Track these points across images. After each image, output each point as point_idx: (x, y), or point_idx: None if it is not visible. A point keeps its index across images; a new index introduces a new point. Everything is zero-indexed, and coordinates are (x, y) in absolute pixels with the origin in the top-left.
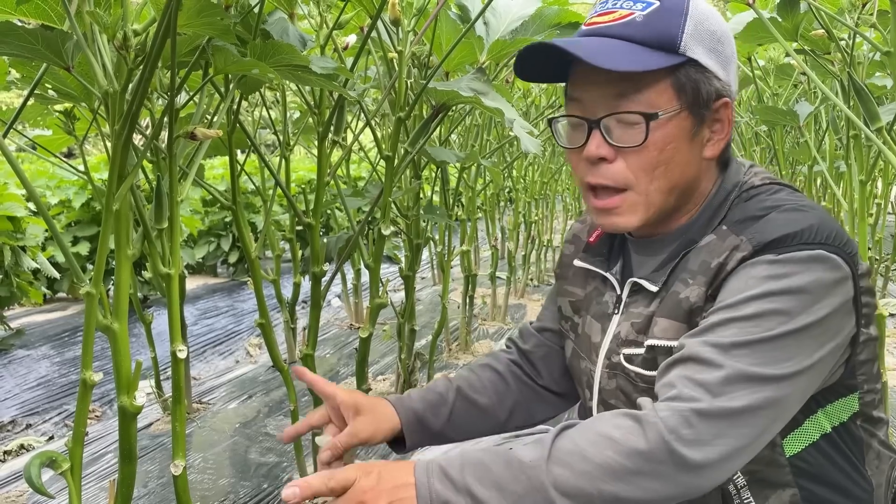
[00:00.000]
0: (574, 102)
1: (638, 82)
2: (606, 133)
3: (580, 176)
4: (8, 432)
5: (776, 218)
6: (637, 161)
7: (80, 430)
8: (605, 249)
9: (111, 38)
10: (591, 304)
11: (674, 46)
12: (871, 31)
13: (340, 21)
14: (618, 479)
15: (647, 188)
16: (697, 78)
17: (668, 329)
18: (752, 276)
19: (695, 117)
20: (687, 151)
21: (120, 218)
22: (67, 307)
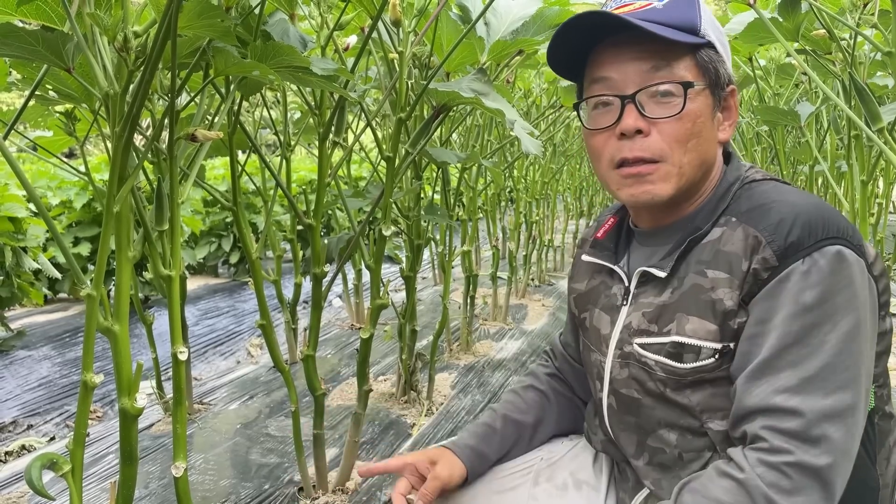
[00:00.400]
0: (600, 82)
1: (668, 57)
2: (641, 107)
3: (608, 154)
4: (9, 433)
5: (782, 212)
6: (672, 132)
7: (81, 431)
8: (612, 244)
9: (112, 40)
10: (598, 298)
11: (695, 29)
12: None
13: (341, 22)
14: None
15: (681, 159)
16: (716, 59)
17: (699, 330)
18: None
19: (714, 97)
20: (710, 130)
21: (121, 220)
22: (69, 308)
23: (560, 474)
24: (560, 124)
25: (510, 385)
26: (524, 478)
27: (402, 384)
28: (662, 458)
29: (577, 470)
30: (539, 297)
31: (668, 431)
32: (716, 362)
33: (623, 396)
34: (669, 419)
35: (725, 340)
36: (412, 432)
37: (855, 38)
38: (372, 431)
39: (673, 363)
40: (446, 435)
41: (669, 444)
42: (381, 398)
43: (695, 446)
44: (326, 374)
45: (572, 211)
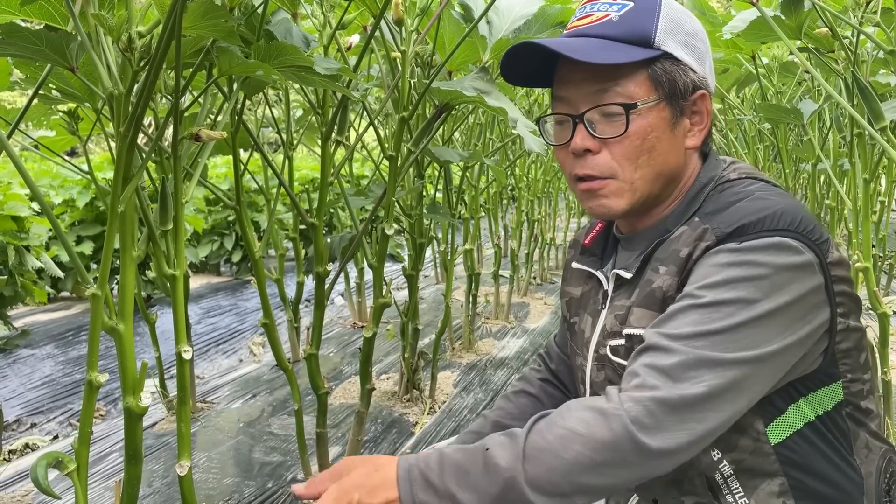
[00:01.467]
0: (559, 101)
1: (616, 75)
2: (590, 126)
3: (568, 170)
4: (13, 431)
5: (741, 207)
6: (620, 151)
7: (86, 430)
8: (599, 250)
9: (116, 40)
10: (587, 303)
11: (648, 41)
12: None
13: (344, 21)
14: (587, 470)
15: (632, 176)
16: (673, 70)
17: (643, 318)
18: (712, 264)
19: (673, 108)
20: (668, 141)
21: (125, 219)
22: (71, 306)
23: None
24: None
25: (512, 383)
26: None
27: (405, 383)
28: None
29: None
30: (541, 296)
31: None
32: None
33: None
34: None
35: None
36: (415, 431)
37: (857, 37)
38: (375, 430)
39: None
40: (449, 433)
41: None
42: (383, 397)
43: None
44: (329, 373)
45: (574, 209)
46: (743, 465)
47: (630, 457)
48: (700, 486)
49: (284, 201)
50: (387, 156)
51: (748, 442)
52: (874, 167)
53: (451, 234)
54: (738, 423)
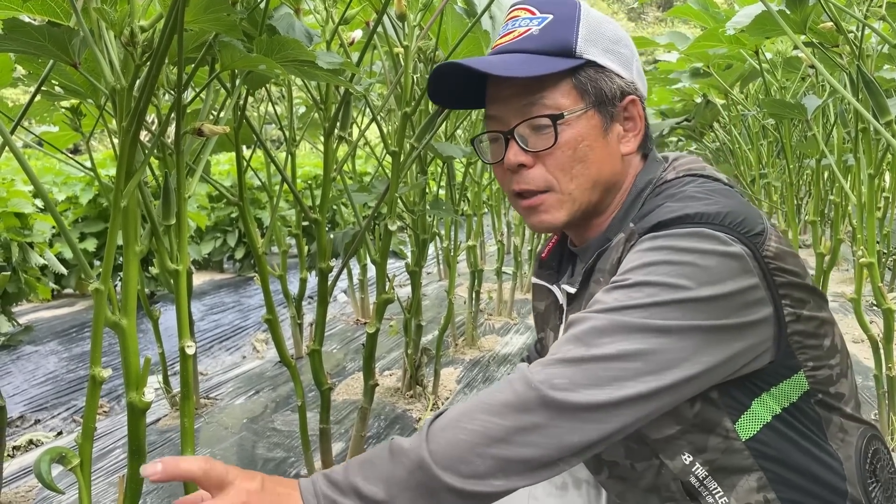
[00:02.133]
0: (490, 120)
1: (541, 88)
2: (521, 141)
3: (507, 187)
4: (17, 428)
5: (665, 206)
6: (553, 162)
7: (90, 425)
8: (555, 262)
9: (118, 35)
10: (549, 318)
11: (570, 51)
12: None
13: (346, 16)
14: (496, 440)
15: (568, 187)
16: (598, 77)
17: None
18: (636, 251)
19: (603, 115)
20: (602, 149)
21: (128, 214)
22: (75, 303)
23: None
24: None
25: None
26: None
27: (408, 379)
28: (619, 471)
29: (577, 469)
30: None
31: (617, 444)
32: None
33: None
34: None
35: None
36: (418, 427)
37: (863, 31)
38: (378, 426)
39: None
40: None
41: (620, 456)
42: (386, 393)
43: (642, 455)
44: (332, 369)
45: None
46: (717, 464)
47: (539, 417)
48: (678, 492)
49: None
50: (390, 152)
51: (718, 441)
52: (879, 163)
53: (454, 231)
54: (705, 423)
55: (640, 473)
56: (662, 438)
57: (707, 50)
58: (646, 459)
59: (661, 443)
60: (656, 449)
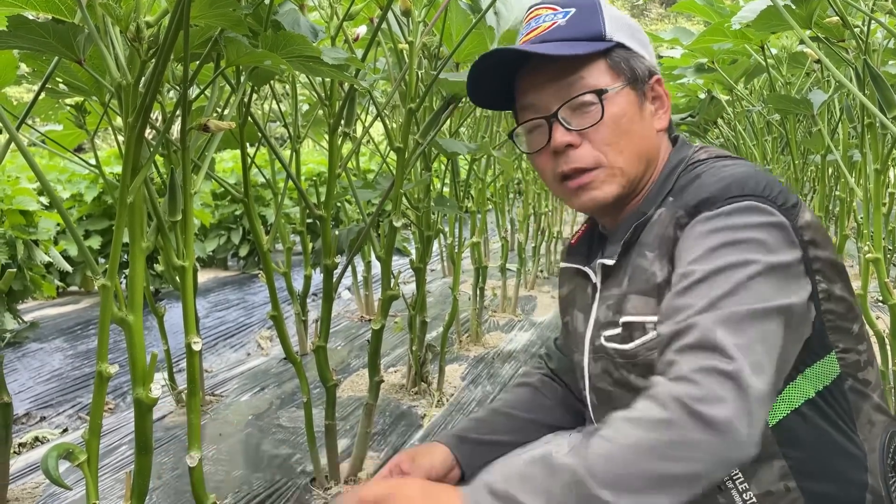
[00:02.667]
0: (528, 109)
1: (579, 69)
2: (565, 122)
3: (550, 171)
4: (23, 425)
5: (703, 181)
6: (600, 138)
7: (97, 422)
8: (585, 248)
9: (124, 30)
10: (576, 299)
11: (600, 35)
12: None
13: (351, 12)
14: (652, 455)
15: (617, 160)
16: (629, 56)
17: (639, 304)
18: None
19: (637, 92)
20: (640, 123)
21: (134, 210)
22: (80, 300)
23: None
24: None
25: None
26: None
27: (413, 375)
28: None
29: None
30: (548, 289)
31: None
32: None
33: (600, 391)
34: None
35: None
36: (423, 423)
37: (869, 25)
38: (383, 422)
39: (623, 345)
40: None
41: None
42: (391, 389)
43: None
44: (337, 366)
45: None
46: None
47: (692, 433)
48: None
49: (291, 195)
50: (394, 148)
51: None
52: (885, 157)
53: (459, 228)
54: None
55: None
56: None
57: (712, 45)
58: None
59: None
60: None
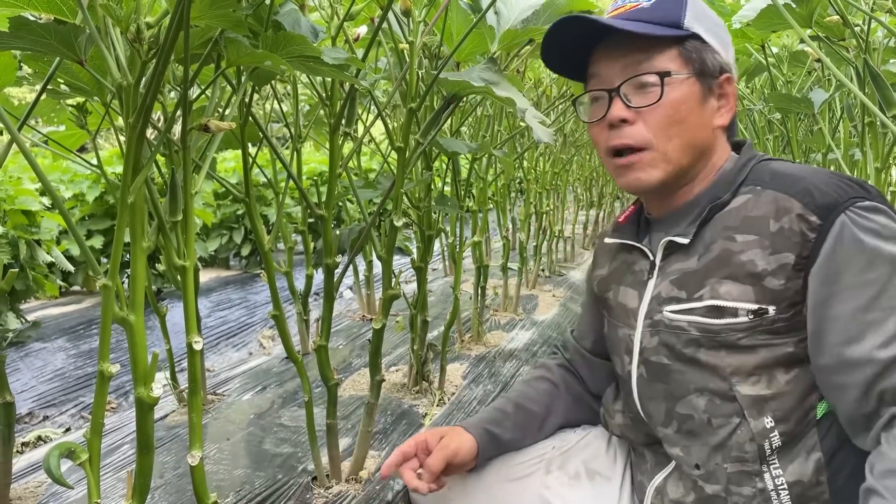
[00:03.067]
0: (594, 78)
1: (651, 50)
2: (625, 98)
3: (603, 144)
4: (25, 424)
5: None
6: (654, 120)
7: (98, 421)
8: (633, 227)
9: (124, 31)
10: (623, 276)
11: (679, 23)
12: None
13: (351, 12)
14: None
15: (666, 146)
16: (702, 49)
17: (733, 291)
18: (843, 250)
19: (703, 85)
20: (698, 116)
21: (135, 210)
22: (82, 300)
23: (572, 463)
24: (570, 114)
25: (521, 375)
26: (536, 466)
27: (414, 374)
28: (691, 425)
29: (590, 459)
30: (549, 288)
31: (697, 396)
32: (750, 322)
33: (653, 364)
34: (699, 383)
35: (762, 302)
36: (424, 422)
37: (869, 24)
38: (384, 421)
39: (707, 320)
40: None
41: (698, 410)
42: (392, 388)
43: (723, 411)
44: (338, 365)
45: (582, 201)
46: (790, 435)
47: None
48: (751, 453)
49: (293, 195)
50: (395, 147)
51: (800, 413)
52: (886, 156)
53: (460, 227)
54: (794, 392)
55: (714, 430)
56: (753, 397)
57: None
58: (726, 416)
59: (751, 401)
60: (744, 405)
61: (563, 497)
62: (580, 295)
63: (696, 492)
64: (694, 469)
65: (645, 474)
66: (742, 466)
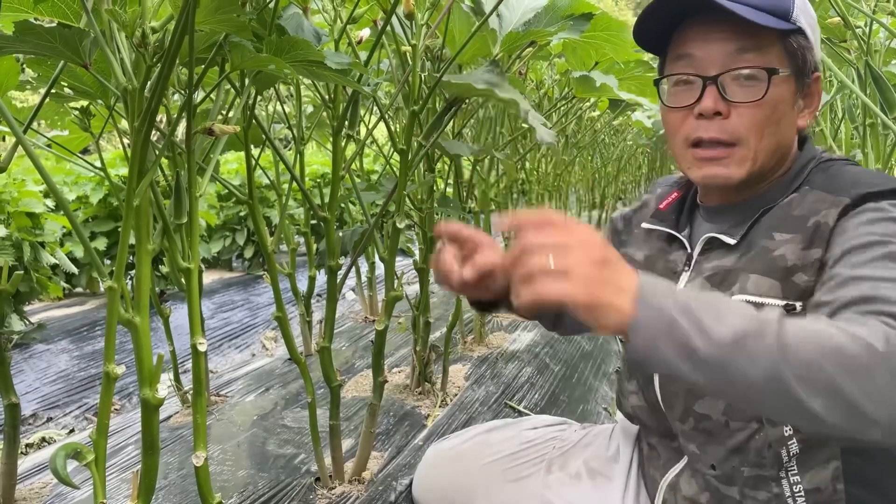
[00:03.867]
0: (684, 60)
1: (757, 40)
2: (722, 89)
3: (684, 132)
4: (29, 425)
5: (857, 175)
6: (751, 117)
7: (104, 422)
8: (674, 216)
9: (130, 36)
10: (654, 264)
11: (787, 15)
12: (888, 19)
13: (354, 16)
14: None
15: (757, 146)
16: (805, 46)
17: (762, 285)
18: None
19: (798, 84)
20: (790, 116)
21: (140, 213)
22: (86, 302)
23: (573, 463)
24: (572, 116)
25: (524, 376)
26: (537, 466)
27: (417, 376)
28: (707, 425)
29: (591, 458)
30: None
31: (717, 400)
32: None
33: None
34: None
35: (789, 298)
36: (427, 423)
37: (871, 26)
38: (387, 422)
39: None
40: (461, 425)
41: (717, 411)
42: (395, 390)
43: (742, 416)
44: (341, 367)
45: (584, 203)
46: (808, 443)
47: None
48: (769, 459)
49: (296, 196)
50: (398, 150)
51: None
52: (887, 157)
53: None
54: None
55: (731, 432)
56: None
57: None
58: (744, 421)
59: None
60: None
61: (565, 497)
62: None
63: (711, 491)
64: (709, 469)
65: (658, 469)
66: (759, 471)
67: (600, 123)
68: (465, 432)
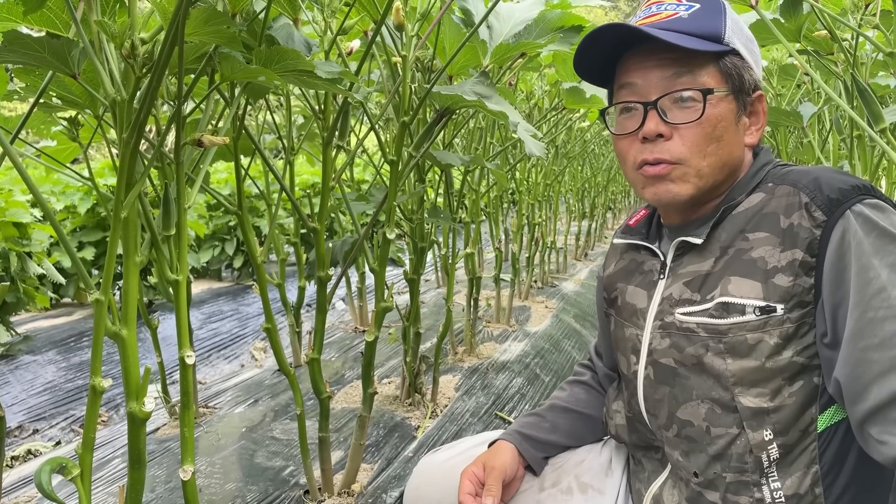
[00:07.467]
0: (626, 88)
1: (691, 64)
2: (662, 113)
3: (633, 158)
4: (15, 437)
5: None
6: (692, 137)
7: (90, 436)
8: (644, 229)
9: (119, 47)
10: (630, 276)
11: (718, 37)
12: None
13: (345, 26)
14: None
15: (700, 163)
16: (740, 66)
17: (742, 286)
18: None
19: (738, 103)
20: (733, 133)
21: (128, 225)
22: (73, 312)
23: (565, 479)
24: (562, 126)
25: (515, 387)
26: (529, 483)
27: (407, 387)
28: (690, 431)
29: (582, 473)
30: (542, 299)
31: (699, 404)
32: (758, 320)
33: (661, 366)
34: (701, 391)
35: (770, 300)
36: (417, 434)
37: (857, 39)
38: (377, 434)
39: (715, 320)
40: (451, 437)
41: (698, 418)
42: (385, 401)
43: (723, 422)
44: (330, 377)
45: (574, 213)
46: (788, 448)
47: None
48: (750, 464)
49: (285, 206)
50: (388, 160)
51: (800, 427)
52: (874, 169)
53: (452, 239)
54: (796, 405)
55: (712, 439)
56: (754, 408)
57: None
58: (725, 427)
59: (751, 413)
60: (744, 417)
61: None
62: (573, 306)
63: (693, 499)
64: (692, 476)
65: (642, 482)
66: (741, 476)
67: (590, 134)
68: (457, 444)
